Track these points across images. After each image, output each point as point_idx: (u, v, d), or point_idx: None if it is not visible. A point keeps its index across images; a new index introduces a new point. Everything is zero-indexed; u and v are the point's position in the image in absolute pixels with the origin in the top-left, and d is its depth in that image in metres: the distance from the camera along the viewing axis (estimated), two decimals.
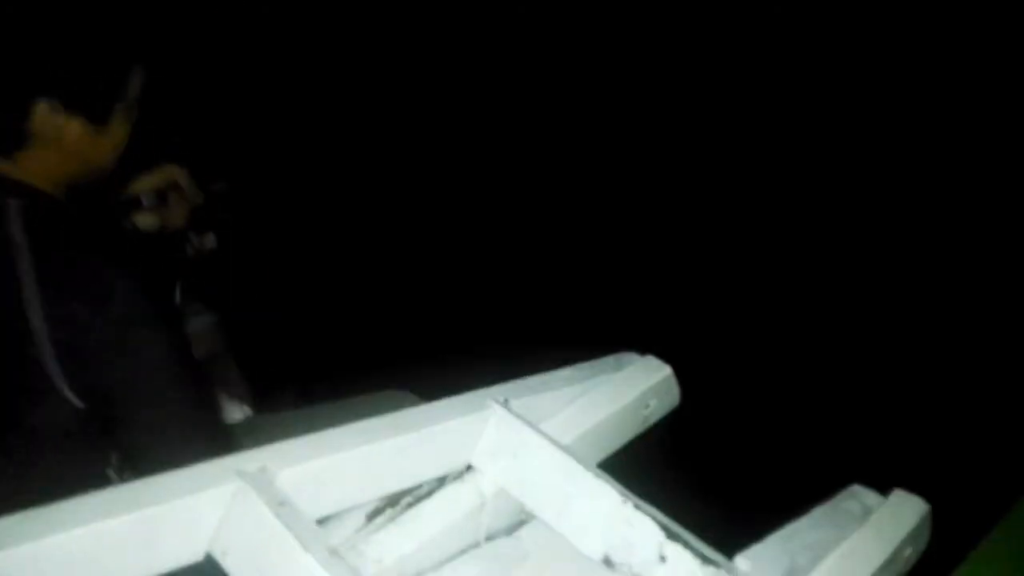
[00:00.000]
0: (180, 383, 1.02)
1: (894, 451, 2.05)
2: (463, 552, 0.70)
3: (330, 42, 3.66)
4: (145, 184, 1.38)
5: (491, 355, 1.98)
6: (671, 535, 0.58)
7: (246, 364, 1.31)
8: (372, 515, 0.75)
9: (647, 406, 0.80)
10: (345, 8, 3.69)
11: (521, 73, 3.77)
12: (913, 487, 0.68)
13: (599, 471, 0.64)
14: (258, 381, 1.37)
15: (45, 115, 1.04)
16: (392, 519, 0.72)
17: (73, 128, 1.07)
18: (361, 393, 1.38)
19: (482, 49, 3.79)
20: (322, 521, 0.66)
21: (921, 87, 3.67)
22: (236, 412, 1.38)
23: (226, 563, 0.56)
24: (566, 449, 0.67)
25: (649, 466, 0.88)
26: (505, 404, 0.72)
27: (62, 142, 1.06)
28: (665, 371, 0.81)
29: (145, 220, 1.36)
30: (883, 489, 0.69)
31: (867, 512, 0.66)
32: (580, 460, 0.66)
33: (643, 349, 0.84)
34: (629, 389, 0.79)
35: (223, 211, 1.44)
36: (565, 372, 0.79)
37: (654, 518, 0.58)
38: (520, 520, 0.73)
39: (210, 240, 1.44)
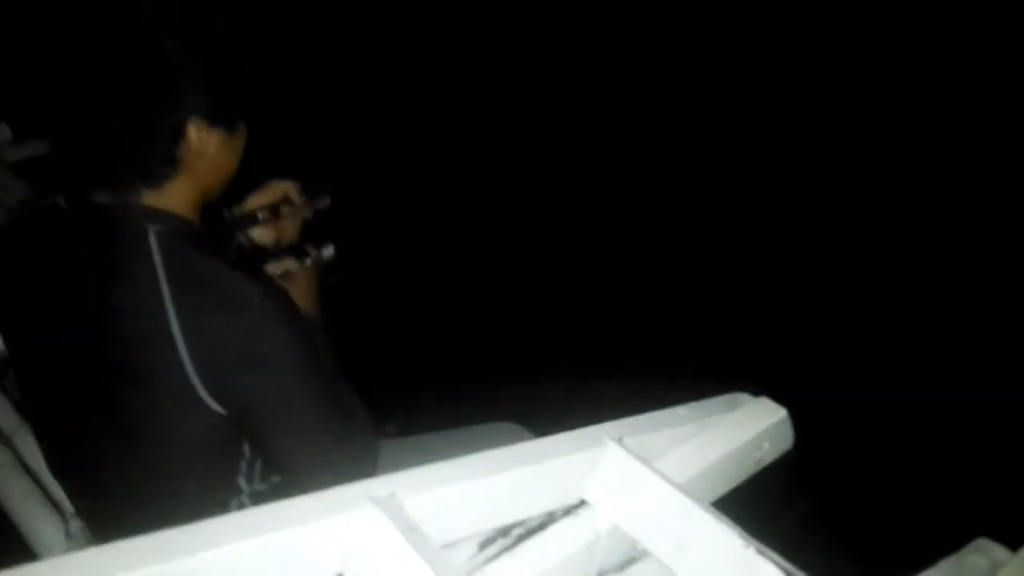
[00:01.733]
0: (316, 385, 1.05)
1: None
2: None
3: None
4: (259, 200, 1.41)
5: (594, 386, 2.00)
6: None
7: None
8: (484, 544, 0.77)
9: (760, 448, 0.79)
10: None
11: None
12: None
13: (717, 512, 0.64)
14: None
15: (195, 134, 1.06)
16: (505, 549, 0.73)
17: (214, 140, 1.08)
18: (468, 423, 1.40)
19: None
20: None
21: (921, 86, 3.56)
22: None
23: None
24: (682, 488, 0.67)
25: (762, 508, 0.87)
26: (620, 441, 0.72)
27: (207, 157, 1.08)
28: (780, 413, 0.80)
29: (262, 235, 1.40)
30: (1012, 543, 0.67)
31: (995, 567, 0.64)
32: (696, 500, 0.66)
33: (757, 388, 0.83)
34: (743, 431, 0.78)
35: (331, 223, 1.46)
36: (679, 411, 0.80)
37: (778, 564, 0.58)
38: (632, 557, 0.73)
39: (329, 250, 1.45)
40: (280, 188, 1.43)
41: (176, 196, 1.08)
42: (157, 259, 1.01)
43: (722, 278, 2.94)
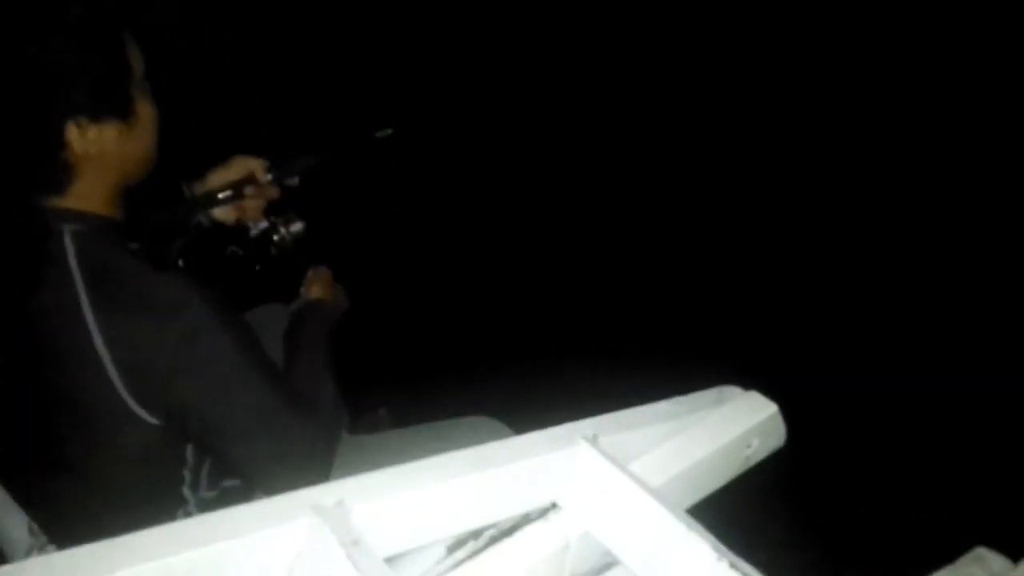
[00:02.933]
0: (260, 387, 0.99)
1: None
2: None
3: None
4: (222, 177, 1.34)
5: (581, 379, 1.95)
6: None
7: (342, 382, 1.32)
8: (453, 547, 0.74)
9: (749, 446, 0.74)
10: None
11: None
12: None
13: (692, 521, 0.60)
14: (352, 400, 1.37)
15: (78, 136, 0.98)
16: (473, 553, 0.70)
17: (108, 134, 1.00)
18: (449, 416, 1.36)
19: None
20: (401, 555, 0.65)
21: (921, 87, 3.47)
22: None
23: None
24: (656, 494, 0.63)
25: (749, 510, 0.82)
26: (594, 441, 0.68)
27: (105, 153, 1.01)
28: (770, 409, 0.75)
29: (223, 213, 1.34)
30: (1013, 553, 0.62)
31: None
32: (670, 507, 0.61)
33: (747, 383, 0.79)
34: (730, 427, 0.73)
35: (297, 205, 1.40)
36: (662, 407, 0.75)
37: None
38: (605, 563, 0.69)
39: (298, 226, 1.39)
40: (245, 165, 1.34)
41: (84, 196, 1.01)
42: (72, 262, 0.95)
43: (717, 271, 2.88)
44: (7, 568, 0.51)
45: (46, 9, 0.96)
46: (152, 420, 0.94)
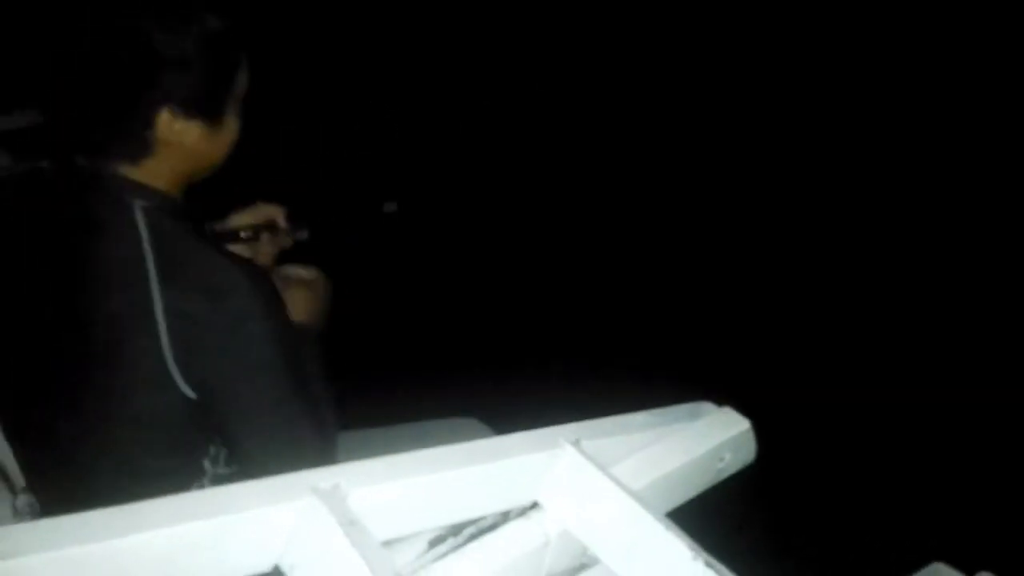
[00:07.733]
0: (285, 382, 1.06)
1: (982, 528, 1.95)
2: None
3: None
4: (244, 219, 1.45)
5: (562, 388, 2.00)
6: None
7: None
8: (434, 543, 0.76)
9: (721, 459, 0.78)
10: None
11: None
12: (999, 569, 0.65)
13: (668, 522, 0.63)
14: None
15: (167, 123, 1.08)
16: (454, 548, 0.72)
17: (193, 131, 1.11)
18: (430, 417, 1.40)
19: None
20: (387, 544, 0.67)
21: (921, 87, 3.59)
22: None
23: None
24: (636, 496, 0.66)
25: (720, 521, 0.86)
26: (577, 444, 0.71)
27: (184, 145, 1.11)
28: (743, 425, 0.79)
29: (237, 251, 1.42)
30: (967, 569, 0.66)
31: None
32: (649, 508, 0.65)
33: (721, 399, 0.82)
34: (704, 440, 0.77)
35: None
36: (640, 417, 0.79)
37: None
38: (582, 564, 0.72)
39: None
40: (267, 211, 1.45)
41: (153, 173, 1.10)
42: (144, 235, 1.03)
43: (703, 286, 2.95)
44: (18, 527, 0.52)
45: (187, 7, 1.10)
46: (188, 393, 0.99)
